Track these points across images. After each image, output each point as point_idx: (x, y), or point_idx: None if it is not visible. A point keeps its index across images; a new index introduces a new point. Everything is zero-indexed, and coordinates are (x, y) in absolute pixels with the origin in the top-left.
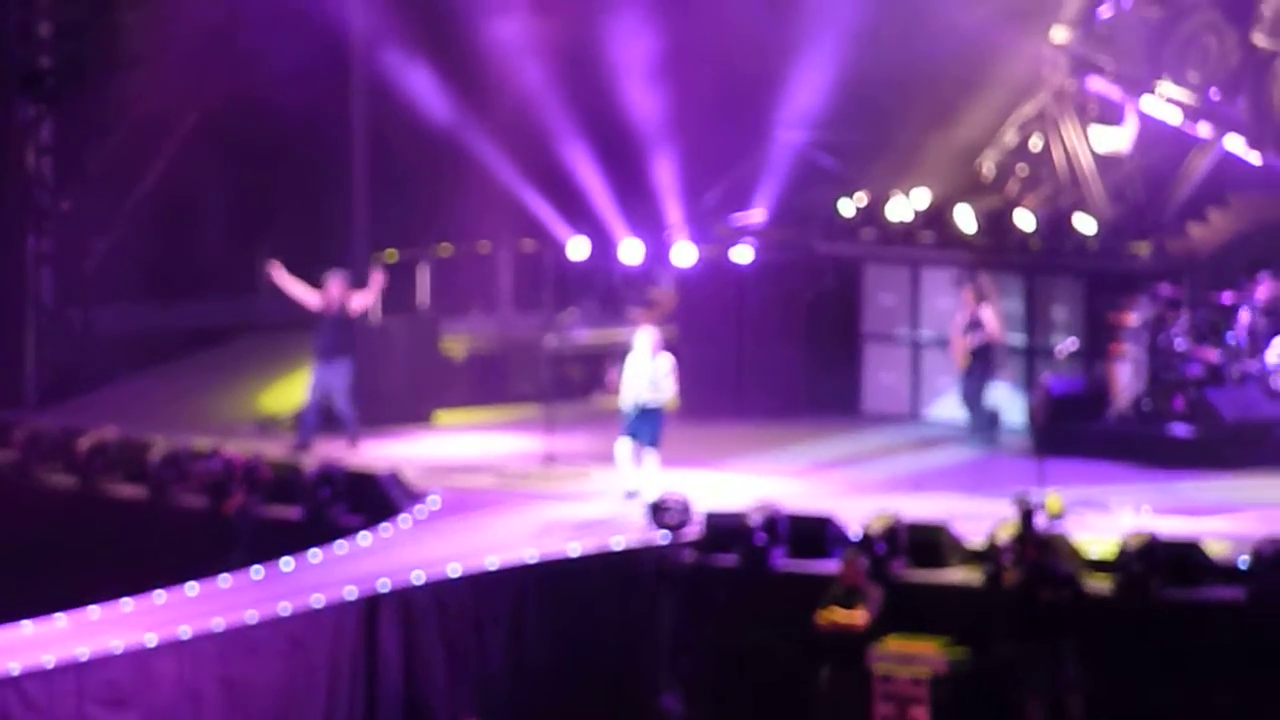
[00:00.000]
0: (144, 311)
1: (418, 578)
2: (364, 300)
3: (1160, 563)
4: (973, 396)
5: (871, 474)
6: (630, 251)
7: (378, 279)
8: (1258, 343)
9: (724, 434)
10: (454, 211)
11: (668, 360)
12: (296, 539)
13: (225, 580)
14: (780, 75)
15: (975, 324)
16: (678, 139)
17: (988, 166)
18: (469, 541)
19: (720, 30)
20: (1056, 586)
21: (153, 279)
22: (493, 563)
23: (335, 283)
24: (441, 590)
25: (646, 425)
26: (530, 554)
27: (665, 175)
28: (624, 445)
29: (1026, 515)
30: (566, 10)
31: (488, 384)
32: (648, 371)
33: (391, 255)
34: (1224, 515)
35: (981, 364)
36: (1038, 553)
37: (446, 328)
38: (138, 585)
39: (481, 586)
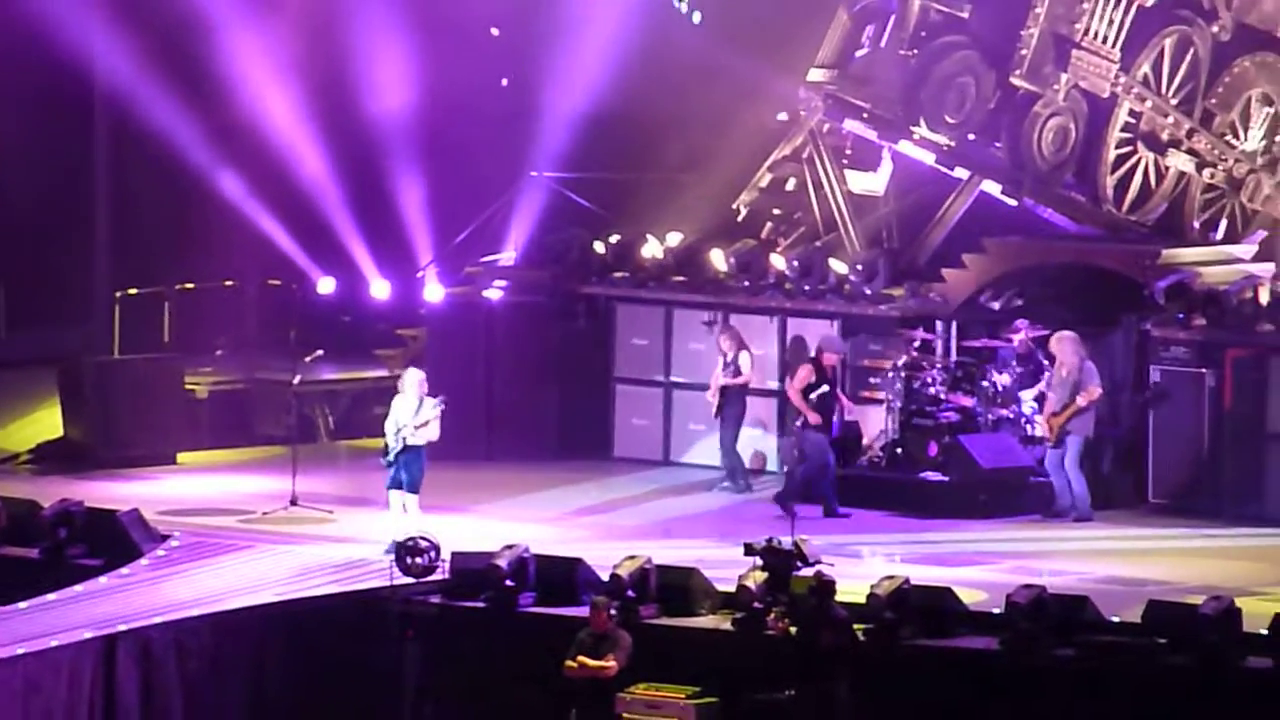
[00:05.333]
0: None
1: (157, 619)
2: None
3: (911, 610)
4: (727, 442)
5: (623, 519)
6: (379, 291)
7: None
8: (1012, 389)
9: (473, 477)
10: (199, 248)
11: (434, 404)
12: (33, 579)
13: None
14: (533, 115)
15: (733, 368)
16: (429, 178)
17: (742, 208)
18: (210, 583)
19: (473, 70)
20: (835, 630)
21: None
22: (234, 605)
23: None
24: (181, 632)
25: (407, 468)
26: (273, 597)
27: (416, 214)
28: (395, 495)
29: (787, 561)
30: (317, 48)
31: (232, 424)
32: (411, 413)
33: (132, 292)
34: (977, 564)
35: (736, 410)
36: (819, 597)
37: (190, 366)
38: None
39: (222, 629)
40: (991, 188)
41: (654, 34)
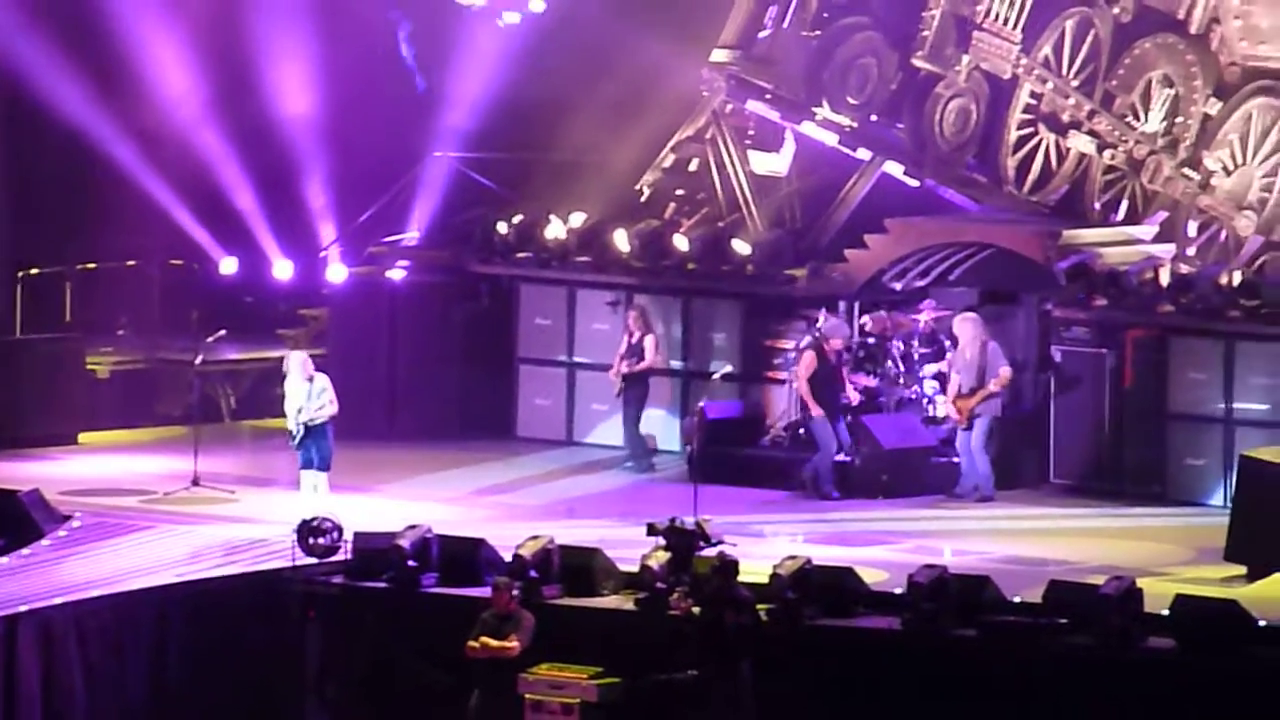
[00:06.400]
0: None
1: (57, 600)
2: None
3: (813, 590)
4: (630, 422)
5: (525, 499)
6: (282, 271)
7: None
8: (915, 369)
9: (376, 457)
10: (101, 228)
11: (324, 380)
12: None
13: None
14: (435, 94)
15: (636, 351)
16: (332, 158)
17: (645, 188)
18: (112, 564)
19: (374, 47)
20: (739, 610)
21: None
22: (135, 586)
23: None
24: (82, 613)
25: (317, 448)
26: (174, 577)
27: (318, 194)
28: (307, 476)
29: (690, 541)
30: (218, 24)
31: (134, 405)
32: (305, 394)
33: (33, 271)
34: (879, 544)
35: (639, 391)
36: (721, 577)
37: (91, 346)
38: None
39: (123, 609)
40: (894, 169)
41: (557, 14)
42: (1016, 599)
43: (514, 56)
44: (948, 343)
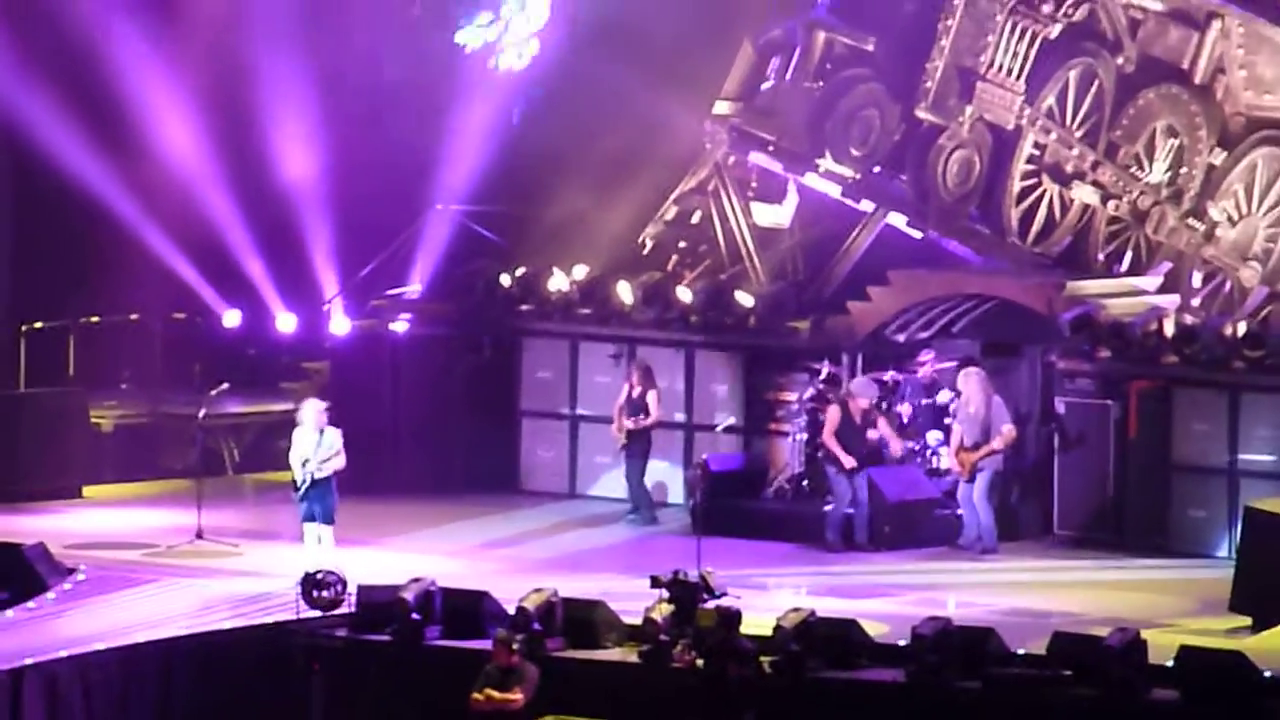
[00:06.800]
0: None
1: (62, 653)
2: None
3: (817, 642)
4: (633, 475)
5: (529, 552)
6: (285, 324)
7: None
8: (919, 421)
9: (379, 510)
10: (104, 280)
11: (335, 435)
12: None
13: None
14: (438, 148)
15: (639, 406)
16: (334, 211)
17: (648, 240)
18: (116, 617)
19: (378, 103)
20: (742, 662)
21: None
22: (140, 639)
23: None
24: (87, 666)
25: (320, 501)
26: (179, 630)
27: (321, 247)
28: (310, 529)
29: (693, 593)
30: (221, 79)
31: (138, 458)
32: (314, 445)
33: (36, 325)
34: (883, 596)
35: (642, 444)
36: (724, 629)
37: (95, 400)
38: None
39: (128, 663)
40: (897, 220)
41: (559, 66)
42: (1021, 651)
43: (516, 109)
44: (952, 394)
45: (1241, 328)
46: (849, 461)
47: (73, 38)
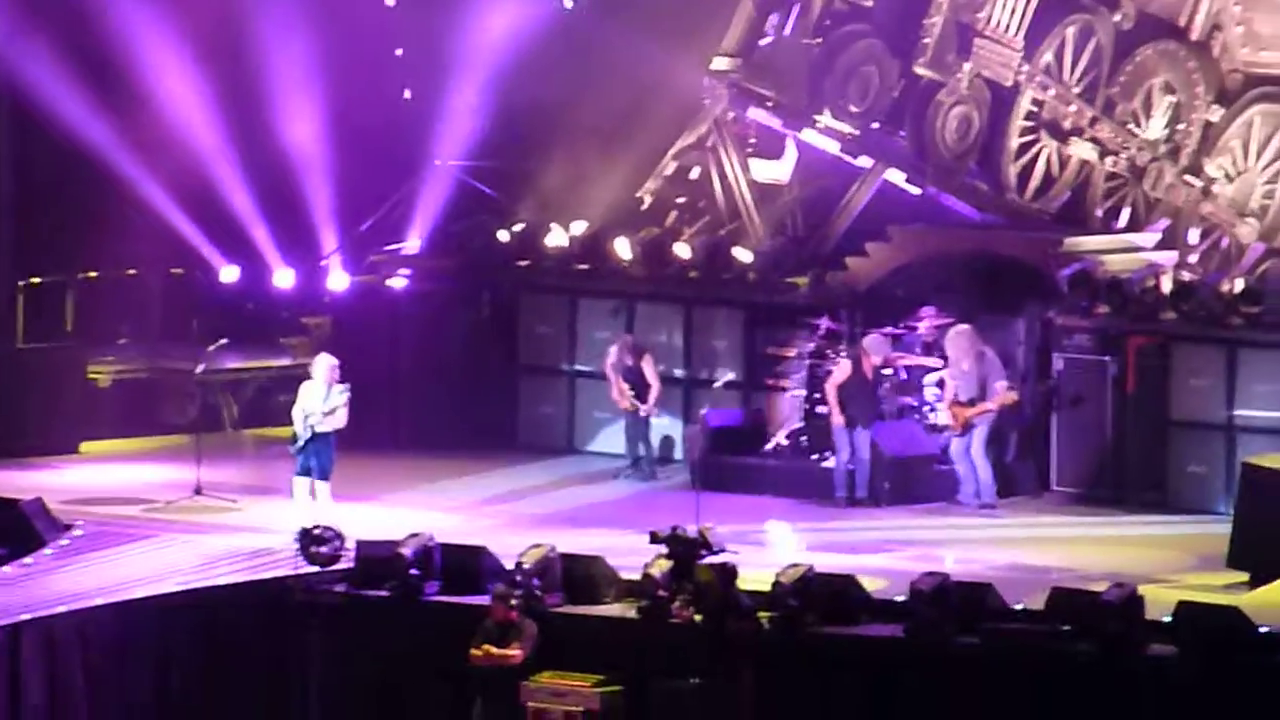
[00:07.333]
0: None
1: (61, 609)
2: None
3: (815, 598)
4: (634, 431)
5: (527, 507)
6: (284, 279)
7: None
8: (917, 377)
9: (378, 466)
10: (102, 236)
11: (344, 389)
12: None
13: None
14: (437, 103)
15: (635, 373)
16: (333, 166)
17: (646, 196)
18: (114, 573)
19: (376, 56)
20: (741, 618)
21: None
22: (138, 595)
23: None
24: (85, 622)
25: (318, 456)
26: (177, 586)
27: (320, 202)
28: (301, 482)
29: (692, 549)
30: (219, 32)
31: (136, 414)
32: (320, 399)
33: (34, 281)
34: (882, 552)
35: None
36: (723, 584)
37: (93, 356)
38: None
39: (126, 618)
40: (895, 176)
41: (557, 22)
42: (1019, 606)
43: (515, 64)
44: (940, 360)
45: (1239, 284)
46: (837, 418)
47: None
